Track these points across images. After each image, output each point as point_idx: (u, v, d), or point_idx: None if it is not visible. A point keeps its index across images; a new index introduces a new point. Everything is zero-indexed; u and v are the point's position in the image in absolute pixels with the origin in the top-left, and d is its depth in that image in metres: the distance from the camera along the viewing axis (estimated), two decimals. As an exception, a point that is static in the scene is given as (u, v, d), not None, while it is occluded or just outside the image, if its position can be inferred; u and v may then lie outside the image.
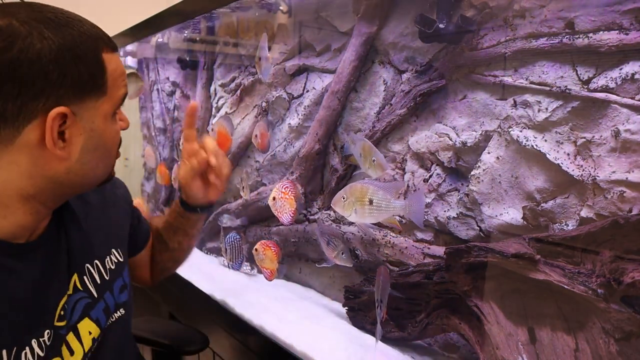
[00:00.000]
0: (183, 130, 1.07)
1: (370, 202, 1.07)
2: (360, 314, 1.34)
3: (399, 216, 1.28)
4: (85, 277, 0.84)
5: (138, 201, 2.75)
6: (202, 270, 1.86)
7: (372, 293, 1.28)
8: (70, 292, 0.80)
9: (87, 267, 0.85)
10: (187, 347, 1.34)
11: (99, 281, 0.86)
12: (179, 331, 1.43)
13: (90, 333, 0.82)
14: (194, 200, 1.03)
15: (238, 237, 1.83)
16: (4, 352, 0.66)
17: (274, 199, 1.46)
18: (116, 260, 0.92)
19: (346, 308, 1.38)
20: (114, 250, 0.93)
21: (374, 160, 1.15)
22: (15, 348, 0.68)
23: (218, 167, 0.98)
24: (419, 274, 1.19)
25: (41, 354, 0.71)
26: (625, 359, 0.88)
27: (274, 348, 1.31)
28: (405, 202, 1.10)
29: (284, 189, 1.46)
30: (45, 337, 0.73)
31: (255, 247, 1.55)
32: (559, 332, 0.96)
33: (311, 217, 1.64)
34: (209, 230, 2.18)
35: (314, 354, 1.21)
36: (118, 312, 0.90)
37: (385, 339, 1.27)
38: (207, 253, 2.21)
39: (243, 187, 1.81)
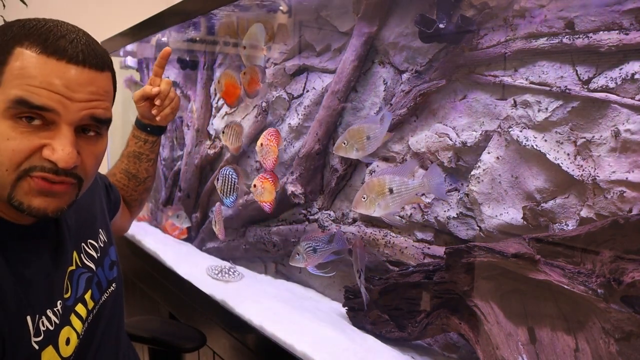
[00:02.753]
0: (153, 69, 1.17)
1: (391, 191, 1.12)
2: (360, 314, 1.34)
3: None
4: (82, 255, 0.90)
5: None
6: (201, 269, 1.86)
7: (372, 292, 1.28)
8: (73, 267, 0.86)
9: (83, 246, 0.91)
10: (183, 344, 1.34)
11: (95, 257, 0.93)
12: (176, 329, 1.44)
13: (88, 305, 0.88)
14: (147, 120, 1.18)
15: (233, 172, 1.79)
16: (29, 317, 0.73)
17: (261, 144, 1.53)
18: (104, 239, 0.99)
19: (346, 308, 1.38)
20: (100, 230, 0.99)
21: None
22: (36, 315, 0.74)
23: (163, 92, 1.12)
24: (419, 274, 1.19)
25: (57, 321, 0.78)
26: (625, 359, 0.88)
27: (274, 348, 1.31)
28: (423, 179, 1.15)
29: (270, 136, 1.53)
30: (59, 307, 0.80)
31: (254, 183, 1.55)
32: (559, 332, 0.96)
33: (311, 217, 1.64)
34: (209, 230, 2.18)
35: (314, 354, 1.21)
36: (111, 287, 0.97)
37: (385, 339, 1.27)
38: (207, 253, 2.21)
39: (216, 223, 1.84)
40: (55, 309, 0.79)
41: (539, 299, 0.99)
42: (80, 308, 0.85)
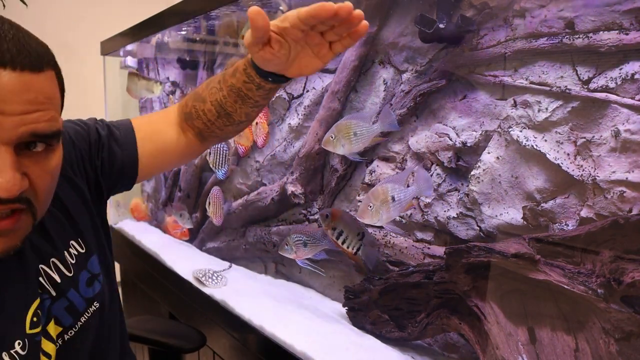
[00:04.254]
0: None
1: (393, 199, 1.12)
2: (360, 314, 1.34)
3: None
4: (41, 279, 0.76)
5: (136, 202, 2.75)
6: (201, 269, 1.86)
7: (372, 292, 1.28)
8: (39, 295, 0.74)
9: (42, 268, 0.76)
10: (183, 345, 1.34)
11: (59, 280, 0.78)
12: (176, 329, 1.44)
13: (52, 337, 0.76)
14: (272, 67, 0.82)
15: (225, 145, 1.78)
16: None
17: (256, 123, 1.50)
18: (76, 253, 0.82)
19: (346, 308, 1.38)
20: (72, 242, 0.82)
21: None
22: None
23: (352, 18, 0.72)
24: (419, 274, 1.19)
25: None
26: (625, 359, 0.88)
27: (274, 348, 1.31)
28: (414, 186, 1.17)
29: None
30: (17, 348, 0.67)
31: None
32: (559, 332, 0.96)
33: (311, 217, 1.64)
34: (209, 230, 2.18)
35: (314, 354, 1.21)
36: (92, 306, 0.83)
37: (385, 339, 1.27)
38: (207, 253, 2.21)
39: (210, 204, 1.78)
40: (12, 351, 0.67)
41: (539, 299, 0.99)
42: (45, 343, 0.73)
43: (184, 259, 2.02)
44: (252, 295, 1.62)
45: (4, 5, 2.27)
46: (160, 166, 0.99)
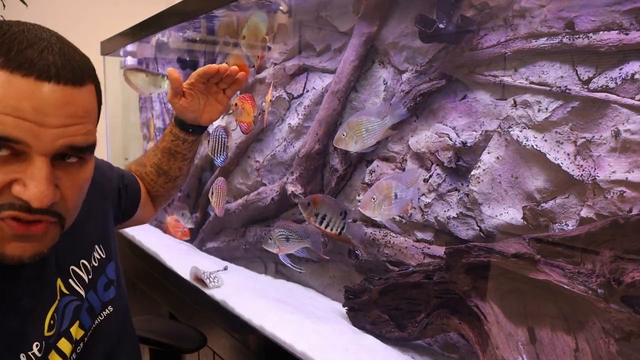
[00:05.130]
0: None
1: (396, 196, 1.12)
2: (360, 314, 1.34)
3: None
4: (70, 280, 0.78)
5: None
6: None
7: (372, 292, 1.28)
8: (57, 299, 0.75)
9: (73, 269, 0.79)
10: (184, 345, 1.34)
11: (87, 280, 0.81)
12: (177, 330, 1.44)
13: (74, 337, 0.78)
14: (188, 119, 1.05)
15: (223, 131, 1.78)
16: None
17: (235, 104, 1.54)
18: (99, 257, 0.86)
19: (346, 308, 1.38)
20: (96, 246, 0.87)
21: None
22: None
23: (224, 70, 0.99)
24: (419, 274, 1.19)
25: None
26: (625, 359, 0.88)
27: (274, 348, 1.31)
28: (414, 189, 1.18)
29: (246, 97, 1.53)
30: (35, 350, 0.69)
31: (235, 102, 1.55)
32: (559, 332, 0.96)
33: (311, 217, 1.64)
34: (209, 230, 2.18)
35: (314, 354, 1.21)
36: (106, 310, 0.86)
37: (385, 339, 1.27)
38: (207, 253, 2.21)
39: (213, 195, 1.77)
40: (30, 352, 0.68)
41: (539, 299, 0.99)
42: (63, 343, 0.75)
43: (184, 259, 2.02)
44: (252, 295, 1.62)
45: (4, 5, 2.27)
46: (139, 218, 1.15)
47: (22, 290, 0.70)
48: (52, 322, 0.73)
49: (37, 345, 0.70)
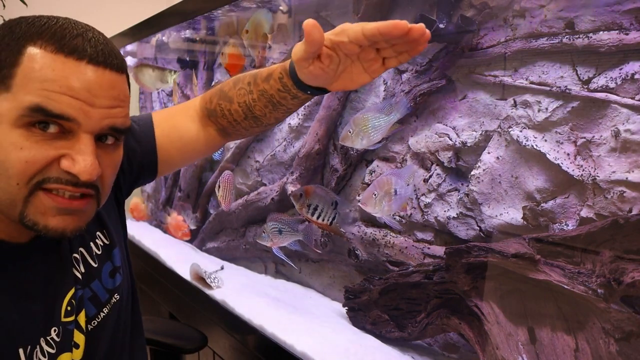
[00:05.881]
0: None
1: (396, 192, 1.12)
2: (360, 314, 1.34)
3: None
4: (73, 268, 0.79)
5: (136, 202, 2.75)
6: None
7: (372, 292, 1.28)
8: (73, 285, 0.78)
9: (77, 255, 0.80)
10: (184, 345, 1.34)
11: (83, 270, 0.80)
12: (177, 330, 1.44)
13: (82, 327, 0.79)
14: (312, 81, 0.77)
15: None
16: (21, 350, 0.67)
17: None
18: (102, 244, 0.86)
19: (346, 308, 1.38)
20: (98, 233, 0.85)
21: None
22: (29, 347, 0.68)
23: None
24: (419, 274, 1.19)
25: (51, 351, 0.71)
26: (625, 359, 0.88)
27: (274, 348, 1.31)
28: (412, 186, 1.19)
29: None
30: (53, 335, 0.72)
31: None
32: (559, 332, 0.96)
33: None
34: (209, 230, 2.18)
35: (314, 354, 1.21)
36: (113, 298, 0.85)
37: (385, 339, 1.27)
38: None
39: (220, 189, 1.74)
40: (49, 337, 0.71)
41: (539, 299, 0.99)
42: (75, 334, 0.77)
43: (184, 259, 2.02)
44: (252, 295, 1.62)
45: (4, 5, 2.27)
46: (180, 161, 1.00)
47: (44, 275, 0.73)
48: (68, 308, 0.75)
49: (55, 331, 0.72)
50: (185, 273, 1.84)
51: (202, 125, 0.96)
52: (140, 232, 2.45)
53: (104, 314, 0.83)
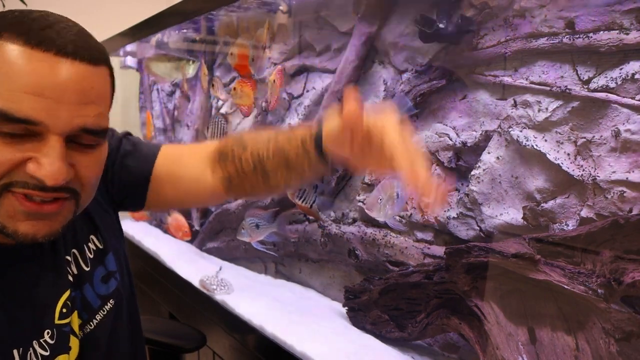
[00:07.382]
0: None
1: (397, 195, 1.12)
2: (360, 314, 1.34)
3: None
4: (67, 270, 0.77)
5: None
6: (201, 270, 1.86)
7: (372, 292, 1.28)
8: (69, 286, 0.76)
9: (66, 258, 0.77)
10: (184, 345, 1.34)
11: (75, 272, 0.78)
12: (177, 330, 1.44)
13: (76, 331, 0.77)
14: (339, 162, 0.73)
15: (222, 118, 1.77)
16: (15, 351, 0.66)
17: (234, 88, 1.51)
18: (95, 248, 0.83)
19: (346, 308, 1.38)
20: (92, 237, 0.83)
21: None
22: (21, 349, 0.67)
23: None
24: (419, 274, 1.19)
25: (45, 353, 0.69)
26: (626, 359, 0.88)
27: (274, 348, 1.31)
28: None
29: (246, 81, 1.53)
30: (47, 337, 0.70)
31: (233, 86, 1.53)
32: (559, 332, 0.96)
33: (311, 217, 1.64)
34: (209, 230, 2.18)
35: (314, 354, 1.21)
36: (108, 304, 0.82)
37: (385, 339, 1.27)
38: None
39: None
40: (42, 340, 0.69)
41: (539, 299, 0.99)
42: (70, 337, 0.76)
43: (184, 259, 2.02)
44: (252, 295, 1.62)
45: (3, 5, 2.27)
46: (173, 199, 0.93)
47: (37, 276, 0.71)
48: (64, 310, 0.73)
49: (48, 333, 0.71)
50: (185, 273, 1.84)
51: (210, 168, 0.88)
52: (140, 232, 2.45)
53: (97, 321, 0.80)
